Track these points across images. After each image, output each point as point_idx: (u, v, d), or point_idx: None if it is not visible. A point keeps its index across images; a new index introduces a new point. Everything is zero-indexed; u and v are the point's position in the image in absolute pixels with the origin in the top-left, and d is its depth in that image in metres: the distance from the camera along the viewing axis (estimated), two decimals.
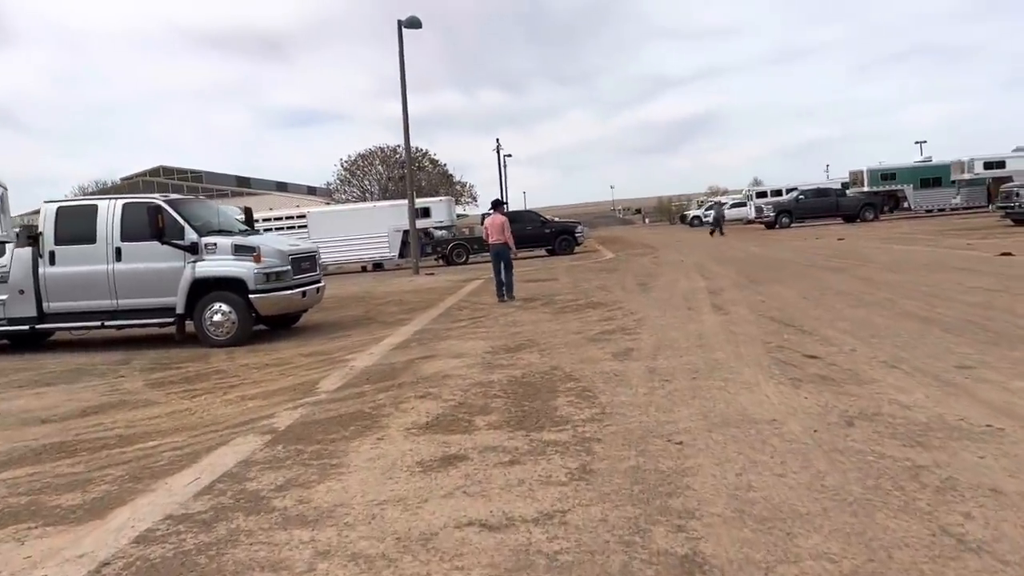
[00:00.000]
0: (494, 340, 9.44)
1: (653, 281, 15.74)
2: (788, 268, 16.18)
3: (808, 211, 40.29)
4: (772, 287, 12.73)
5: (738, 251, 24.10)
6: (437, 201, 33.07)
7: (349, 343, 10.18)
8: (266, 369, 8.72)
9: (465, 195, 65.13)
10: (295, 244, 12.18)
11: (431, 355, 8.63)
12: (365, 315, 13.74)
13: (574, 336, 9.23)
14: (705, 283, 14.30)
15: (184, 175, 71.38)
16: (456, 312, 13.01)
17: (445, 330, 10.74)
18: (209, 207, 11.97)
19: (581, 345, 8.55)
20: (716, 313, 10.23)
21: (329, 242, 29.99)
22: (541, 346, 8.71)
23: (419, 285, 20.46)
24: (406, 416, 5.86)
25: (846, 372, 6.21)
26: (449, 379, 7.17)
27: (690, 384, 6.20)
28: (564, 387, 6.45)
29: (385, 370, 7.87)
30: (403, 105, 24.78)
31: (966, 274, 12.48)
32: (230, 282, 10.91)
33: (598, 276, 18.42)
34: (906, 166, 43.36)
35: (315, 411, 6.26)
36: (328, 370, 8.20)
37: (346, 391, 6.97)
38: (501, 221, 14.57)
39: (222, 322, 10.85)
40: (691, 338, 8.41)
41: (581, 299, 13.36)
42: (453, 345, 9.26)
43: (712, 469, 4.13)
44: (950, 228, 27.92)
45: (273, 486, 4.41)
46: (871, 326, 8.26)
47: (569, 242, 30.76)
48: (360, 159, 58.95)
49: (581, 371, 7.05)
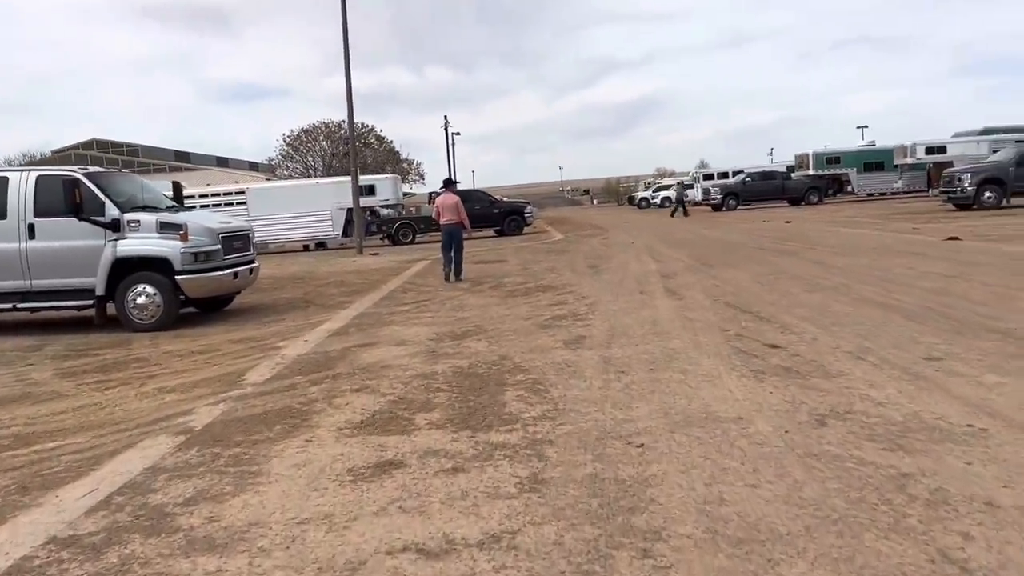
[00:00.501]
0: (439, 326, 8.92)
1: (604, 263, 15.37)
2: (740, 251, 15.98)
3: (755, 194, 40.52)
4: (725, 271, 12.46)
5: (688, 233, 23.94)
6: (382, 178, 32.15)
7: (283, 328, 9.54)
8: (191, 357, 8.06)
9: (412, 173, 63.99)
10: (226, 222, 11.42)
11: (371, 342, 8.07)
12: (303, 297, 13.07)
13: (523, 322, 8.77)
14: (657, 266, 13.99)
15: (119, 148, 68.62)
16: (400, 295, 12.43)
17: (387, 315, 10.17)
18: (133, 181, 11.13)
19: (531, 332, 8.09)
20: (670, 298, 9.88)
21: (269, 220, 29.01)
22: (489, 333, 8.23)
23: (362, 265, 19.76)
24: (339, 413, 5.32)
25: (811, 363, 5.87)
26: (389, 370, 6.64)
27: (648, 376, 5.78)
28: (513, 379, 5.99)
29: (319, 359, 7.29)
30: (346, 75, 23.89)
31: (917, 259, 12.39)
32: (154, 262, 10.14)
33: (548, 258, 18.00)
34: (850, 150, 43.90)
35: (238, 407, 5.67)
36: (258, 359, 7.58)
37: (275, 383, 6.39)
38: (455, 200, 14.22)
39: (146, 305, 10.09)
40: (646, 325, 8.02)
41: (530, 282, 12.91)
42: (395, 331, 8.71)
43: (678, 477, 3.71)
44: (894, 212, 28.24)
45: (180, 499, 3.85)
46: (830, 313, 7.98)
47: (518, 223, 30.26)
48: (303, 134, 57.31)
49: (531, 361, 6.59)
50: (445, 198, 14.43)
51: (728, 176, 51.35)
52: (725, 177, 51.36)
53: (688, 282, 11.30)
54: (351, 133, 26.09)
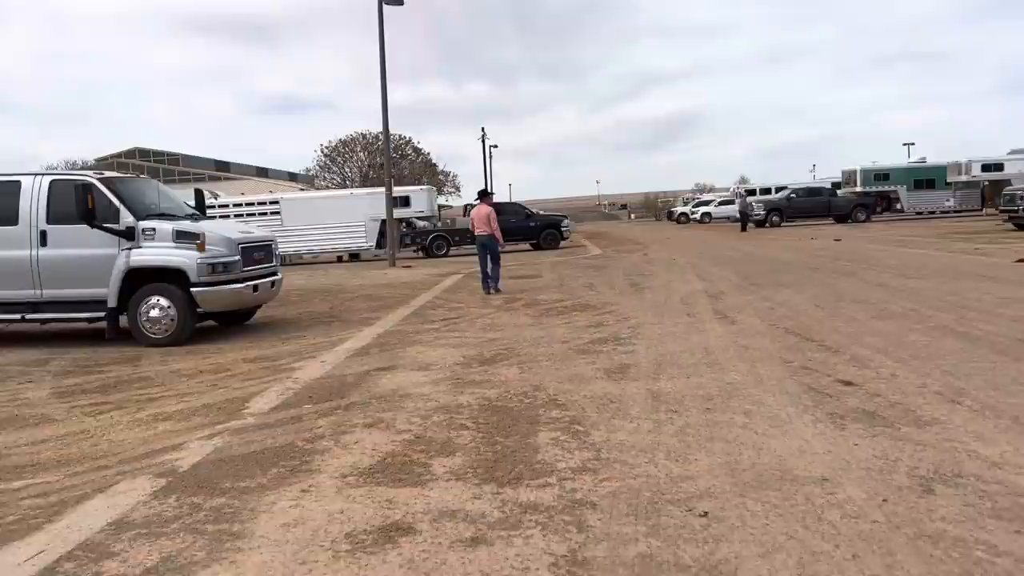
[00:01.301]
0: (468, 348, 8.19)
1: (645, 281, 14.54)
2: (791, 270, 15.03)
3: (799, 210, 39.22)
4: (778, 292, 11.56)
5: (732, 250, 22.95)
6: (417, 190, 31.57)
7: (302, 347, 8.89)
8: (198, 377, 7.42)
9: (448, 185, 63.56)
10: (247, 231, 10.82)
11: (392, 365, 7.36)
12: (329, 312, 12.44)
13: (560, 346, 8.01)
14: (703, 285, 13.12)
15: (161, 157, 69.38)
16: (429, 311, 11.74)
17: (414, 333, 9.47)
18: (150, 187, 10.59)
19: (568, 358, 7.32)
20: (721, 322, 9.03)
21: (303, 230, 28.65)
22: (521, 357, 7.47)
23: (394, 279, 19.15)
24: (346, 454, 4.60)
25: (896, 407, 5.01)
26: (408, 400, 5.92)
27: (705, 418, 4.98)
28: (548, 416, 5.22)
29: (334, 385, 6.60)
30: (382, 83, 23.35)
31: (990, 283, 11.37)
32: (169, 273, 9.58)
33: (585, 274, 17.20)
34: (900, 166, 42.39)
35: (234, 442, 4.99)
36: (269, 382, 6.91)
37: (281, 413, 5.70)
38: (487, 212, 14.04)
39: (159, 318, 9.52)
40: (696, 353, 7.20)
41: (567, 300, 12.13)
42: (420, 353, 8.00)
43: (756, 565, 2.91)
44: (949, 231, 26.92)
45: (138, 570, 3.15)
46: (906, 344, 7.08)
47: (555, 236, 29.48)
48: (341, 145, 57.18)
49: (569, 394, 5.82)
50: (479, 209, 14.36)
51: (770, 192, 50.12)
52: (767, 193, 50.12)
53: (739, 304, 10.43)
54: (386, 143, 25.55)
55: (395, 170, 53.55)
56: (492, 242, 13.96)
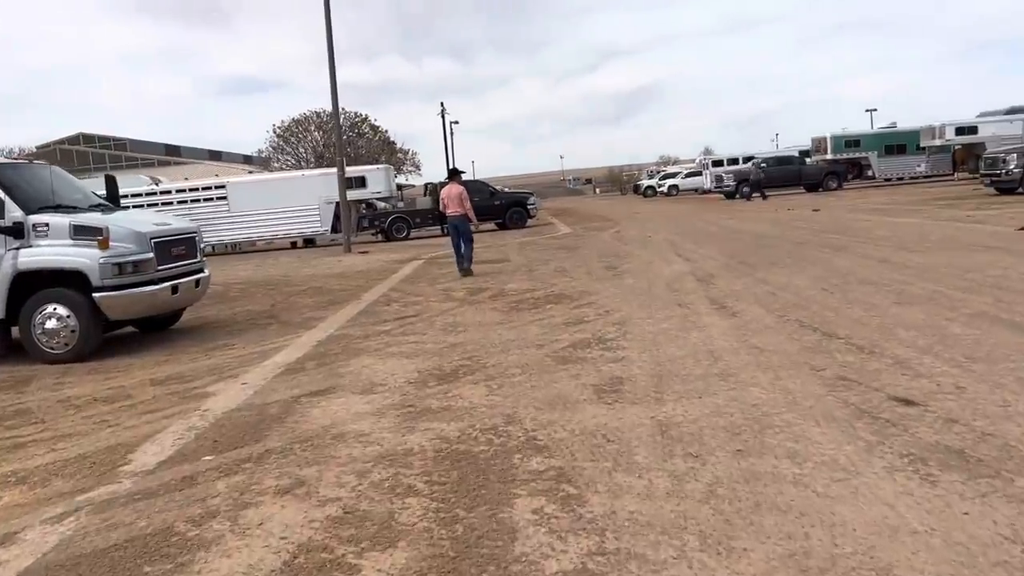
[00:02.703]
0: (424, 357, 6.82)
1: (623, 263, 13.24)
2: (778, 246, 13.85)
3: (770, 180, 38.27)
4: (774, 273, 10.34)
5: (709, 225, 21.78)
6: (374, 169, 29.80)
7: (226, 361, 7.44)
8: (89, 410, 5.97)
9: (408, 164, 61.57)
10: (162, 223, 9.26)
11: (329, 388, 5.97)
12: (269, 311, 10.97)
13: (535, 351, 6.67)
14: (688, 266, 11.86)
15: (106, 143, 66.36)
16: (382, 308, 10.32)
17: (362, 338, 8.07)
18: (44, 174, 8.96)
19: (546, 369, 6.00)
20: (720, 313, 7.77)
21: (252, 216, 26.93)
22: (489, 370, 6.13)
23: (348, 266, 17.65)
24: (243, 548, 3.23)
25: (988, 441, 3.77)
26: (342, 444, 4.54)
27: (739, 467, 3.68)
28: (526, 468, 3.89)
29: (250, 421, 5.19)
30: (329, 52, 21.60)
31: (1002, 255, 10.26)
32: (67, 276, 8.06)
33: (556, 256, 15.87)
34: (871, 132, 41.67)
35: (92, 527, 3.58)
36: (171, 416, 5.49)
37: (171, 469, 4.30)
38: (459, 191, 13.48)
39: (57, 330, 8.00)
40: (701, 358, 5.91)
41: (539, 289, 10.79)
42: (365, 367, 6.61)
43: None
44: (928, 197, 26.05)
45: None
46: (952, 340, 5.86)
47: (521, 215, 28.10)
48: (294, 125, 54.93)
49: (551, 428, 4.50)
50: (450, 189, 13.63)
51: (738, 162, 49.19)
52: (735, 163, 49.20)
53: (735, 290, 9.18)
54: (336, 119, 23.73)
55: (351, 149, 51.64)
56: (465, 223, 13.36)
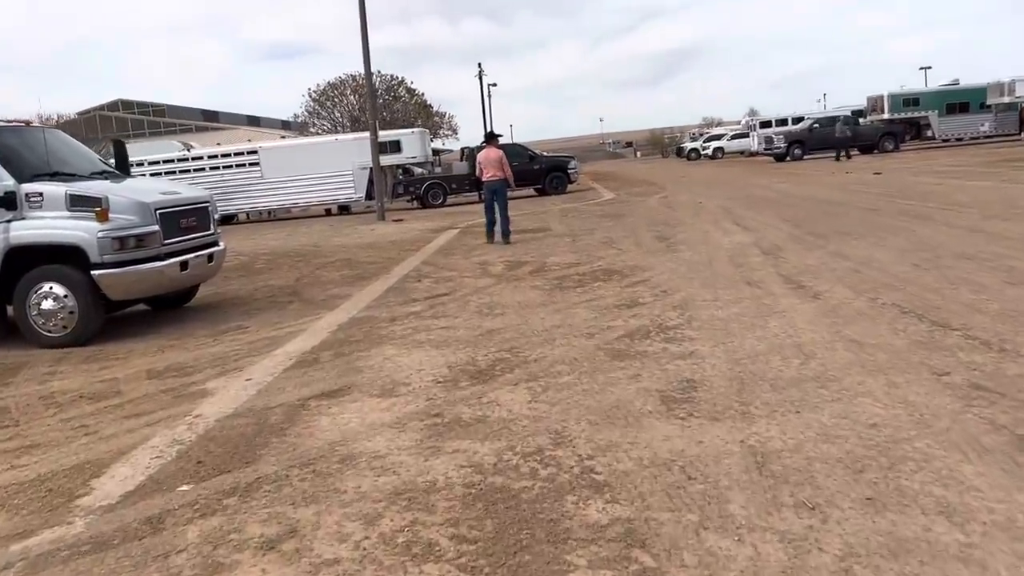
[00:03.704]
0: (456, 347, 5.90)
1: (675, 232, 12.14)
2: (847, 214, 12.61)
3: (822, 142, 36.46)
4: (850, 245, 9.19)
5: (763, 189, 20.45)
6: (409, 133, 28.73)
7: (234, 348, 6.61)
8: (71, 409, 5.17)
9: (444, 127, 60.28)
10: (171, 192, 8.38)
11: (344, 387, 5.08)
12: (292, 286, 10.14)
13: (584, 342, 5.71)
14: (749, 237, 10.73)
15: (145, 109, 66.13)
16: (413, 284, 9.41)
17: (387, 321, 7.18)
18: (40, 138, 8.15)
19: (599, 366, 5.03)
20: (798, 294, 6.71)
21: (285, 182, 26.16)
22: (531, 366, 5.19)
23: (380, 236, 16.77)
24: None
25: None
26: (350, 470, 3.65)
27: (874, 527, 2.69)
28: (584, 522, 2.95)
29: (246, 432, 4.32)
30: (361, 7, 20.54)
31: None
32: (64, 251, 7.28)
33: (601, 224, 14.78)
34: (931, 90, 39.43)
35: None
36: (156, 423, 4.65)
37: (135, 506, 3.45)
38: (498, 155, 13.01)
39: (54, 311, 7.24)
40: (789, 355, 4.89)
41: (584, 263, 9.79)
42: (388, 360, 5.71)
43: None
44: (996, 159, 24.30)
45: None
46: None
47: (561, 180, 26.90)
48: (330, 88, 54.02)
49: (611, 455, 3.55)
50: (488, 152, 13.15)
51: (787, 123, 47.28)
52: (783, 124, 47.32)
53: (809, 265, 8.08)
54: (368, 79, 22.59)
55: (387, 113, 50.60)
56: (503, 187, 12.94)
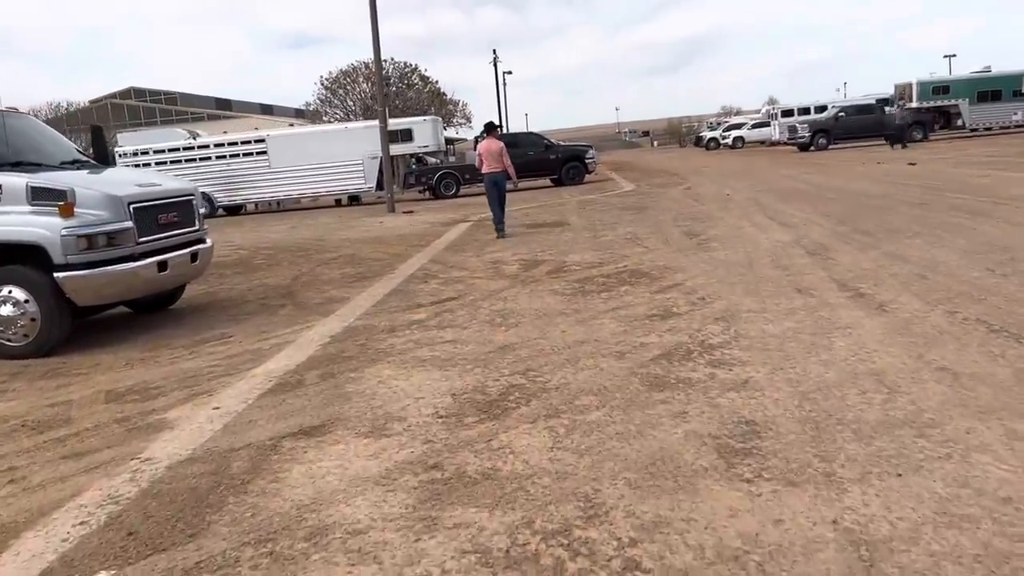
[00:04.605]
0: (463, 367, 5.04)
1: (705, 228, 11.20)
2: (893, 208, 11.62)
3: (848, 131, 35.28)
4: (904, 244, 8.24)
5: (793, 180, 19.42)
6: (420, 121, 27.77)
7: (210, 364, 5.77)
8: (3, 444, 4.35)
9: (458, 116, 59.24)
10: (149, 183, 7.53)
11: (326, 423, 4.22)
12: (288, 286, 9.31)
13: (614, 364, 4.82)
14: (788, 234, 9.78)
15: (157, 96, 65.60)
16: (418, 286, 8.55)
17: (387, 331, 6.32)
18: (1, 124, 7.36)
19: (635, 398, 4.14)
20: (860, 304, 5.78)
21: (293, 171, 25.37)
22: (551, 395, 4.31)
23: (388, 229, 15.92)
24: None
25: None
26: (317, 553, 2.79)
27: None
28: None
29: (198, 488, 3.47)
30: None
31: None
32: (24, 250, 6.47)
33: (623, 218, 13.86)
34: (962, 77, 38.02)
35: None
36: (94, 471, 3.82)
37: None
38: (499, 146, 12.72)
39: (13, 318, 6.44)
40: (866, 385, 3.99)
41: (608, 262, 8.89)
42: (383, 383, 4.85)
43: None
44: None
45: None
46: None
47: (578, 170, 25.92)
48: (342, 76, 53.12)
49: (665, 540, 2.67)
50: (488, 144, 12.80)
51: (809, 112, 46.17)
52: (806, 113, 46.24)
53: (866, 268, 7.15)
54: (377, 62, 21.60)
55: (399, 101, 49.67)
56: (503, 179, 12.66)
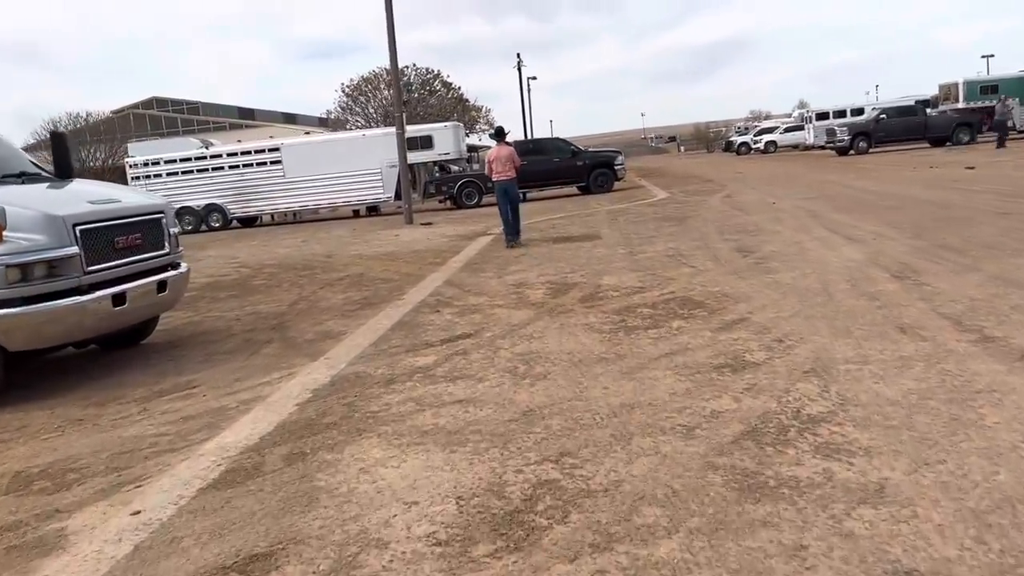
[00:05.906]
0: (473, 447, 3.78)
1: (759, 243, 9.84)
2: (973, 219, 10.18)
3: (890, 133, 33.62)
4: (1011, 265, 6.86)
5: (840, 186, 17.97)
6: (441, 128, 26.57)
7: (157, 432, 4.57)
8: None
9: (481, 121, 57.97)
10: (106, 199, 6.33)
11: (274, 551, 2.98)
12: (282, 314, 8.13)
13: (681, 445, 3.53)
14: (859, 251, 8.41)
15: (179, 106, 65.28)
16: (429, 317, 7.31)
17: (383, 384, 5.08)
18: None
19: (721, 516, 2.86)
20: (992, 351, 4.44)
21: (309, 181, 24.33)
22: (598, 502, 3.04)
23: (403, 244, 14.72)
24: None
25: None
26: None
27: None
28: None
29: None
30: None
31: None
32: None
33: (661, 230, 12.53)
34: (1011, 76, 36.22)
35: None
36: None
37: None
38: (509, 152, 12.53)
39: None
40: None
41: (652, 285, 7.59)
42: (365, 472, 3.61)
43: None
44: None
45: None
46: None
47: (607, 177, 24.59)
48: (363, 83, 52.28)
49: None
50: (498, 150, 12.64)
51: (845, 114, 44.50)
52: (842, 116, 44.56)
53: (974, 297, 5.78)
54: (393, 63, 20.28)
55: (421, 107, 48.65)
56: (514, 186, 12.53)
